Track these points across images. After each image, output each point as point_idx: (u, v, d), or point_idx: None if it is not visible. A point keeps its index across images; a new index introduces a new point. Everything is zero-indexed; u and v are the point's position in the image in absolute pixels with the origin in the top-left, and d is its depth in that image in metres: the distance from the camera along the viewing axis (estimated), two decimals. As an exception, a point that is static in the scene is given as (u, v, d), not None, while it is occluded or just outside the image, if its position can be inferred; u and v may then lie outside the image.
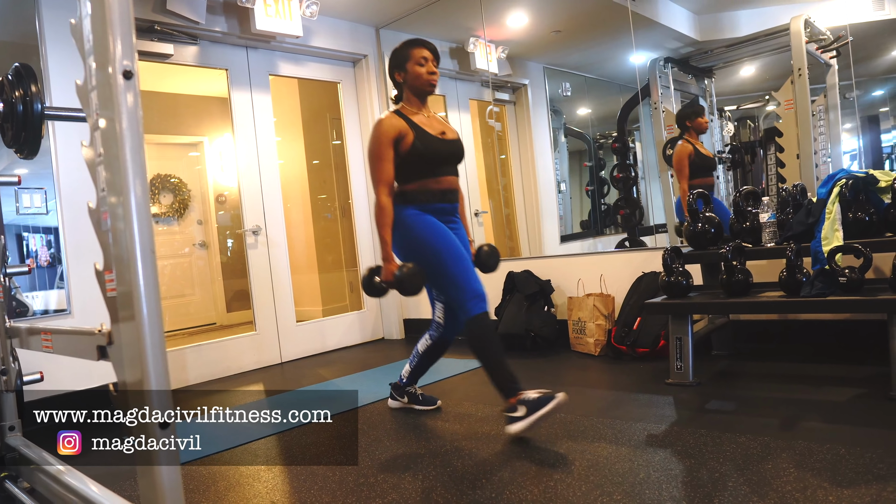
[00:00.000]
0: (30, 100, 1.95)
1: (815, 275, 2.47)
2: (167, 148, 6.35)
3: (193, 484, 2.16)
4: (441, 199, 2.47)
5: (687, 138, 4.05)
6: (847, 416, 2.14)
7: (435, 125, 2.49)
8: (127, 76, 1.21)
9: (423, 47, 2.47)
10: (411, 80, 2.47)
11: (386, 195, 2.41)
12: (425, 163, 2.42)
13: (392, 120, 2.42)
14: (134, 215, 1.22)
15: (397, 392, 2.82)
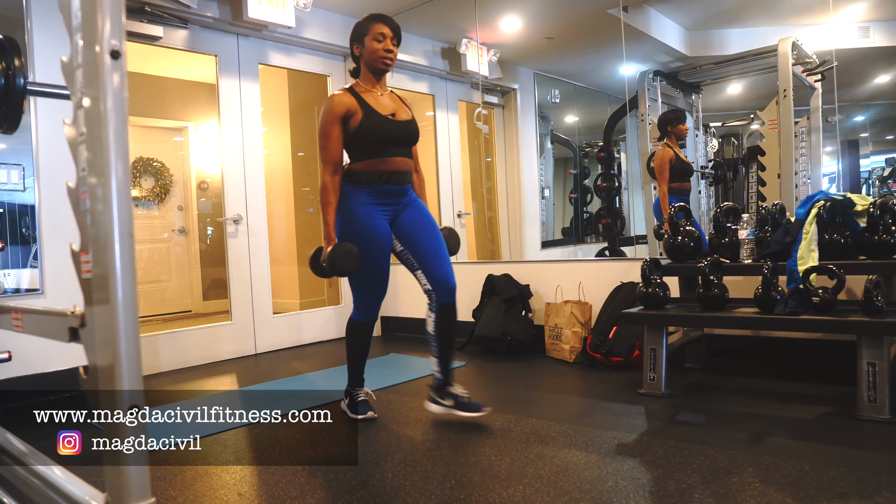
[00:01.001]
0: (12, 73, 1.90)
1: (789, 293, 2.50)
2: (151, 131, 6.27)
3: (160, 472, 2.13)
4: (388, 180, 2.42)
5: (668, 143, 4.11)
6: (813, 434, 2.18)
7: (387, 104, 2.44)
8: (114, 56, 1.19)
9: (383, 23, 2.41)
10: (367, 56, 2.42)
11: (330, 174, 2.39)
12: (373, 143, 2.38)
13: (342, 97, 2.38)
14: (114, 197, 1.20)
15: (439, 394, 2.53)
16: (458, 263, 4.67)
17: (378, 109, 2.40)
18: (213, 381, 3.57)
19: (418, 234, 2.47)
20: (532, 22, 5.24)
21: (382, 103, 2.44)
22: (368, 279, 2.50)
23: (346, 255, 2.33)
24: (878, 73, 4.71)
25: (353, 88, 2.44)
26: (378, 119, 2.38)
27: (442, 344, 2.49)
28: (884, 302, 2.35)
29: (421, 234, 2.47)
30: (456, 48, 5.14)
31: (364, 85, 2.45)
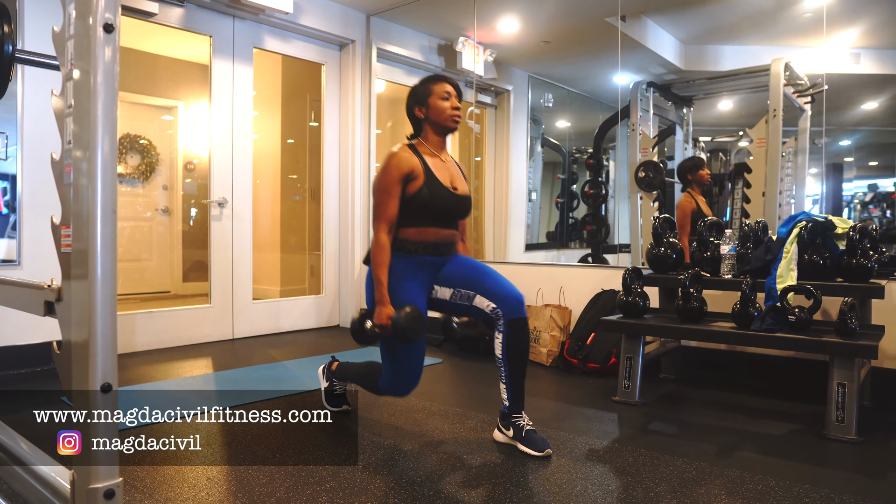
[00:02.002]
0: (1, 40, 1.88)
1: (766, 310, 2.54)
2: (140, 108, 6.19)
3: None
4: (433, 251, 2.29)
5: (690, 192, 4.03)
6: (781, 450, 2.21)
7: (448, 173, 2.32)
8: (108, 29, 1.18)
9: (446, 82, 2.31)
10: (434, 116, 2.29)
11: (386, 233, 2.23)
12: (428, 213, 2.25)
13: (408, 156, 2.25)
14: (98, 172, 1.19)
15: (503, 422, 2.30)
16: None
17: (440, 178, 2.27)
18: (189, 364, 3.55)
19: (464, 270, 2.32)
20: (530, 24, 5.25)
21: (444, 171, 2.31)
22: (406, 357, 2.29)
23: (415, 318, 2.13)
24: (866, 100, 4.79)
25: (416, 148, 2.31)
26: (440, 191, 2.25)
27: (511, 366, 2.27)
28: (857, 325, 2.39)
29: (467, 269, 2.32)
30: (452, 45, 5.13)
31: (427, 146, 2.32)
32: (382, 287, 2.22)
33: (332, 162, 4.89)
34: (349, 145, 4.83)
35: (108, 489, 1.19)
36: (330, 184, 4.90)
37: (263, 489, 1.81)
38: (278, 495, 1.77)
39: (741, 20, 4.88)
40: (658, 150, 5.19)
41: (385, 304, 2.21)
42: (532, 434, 2.19)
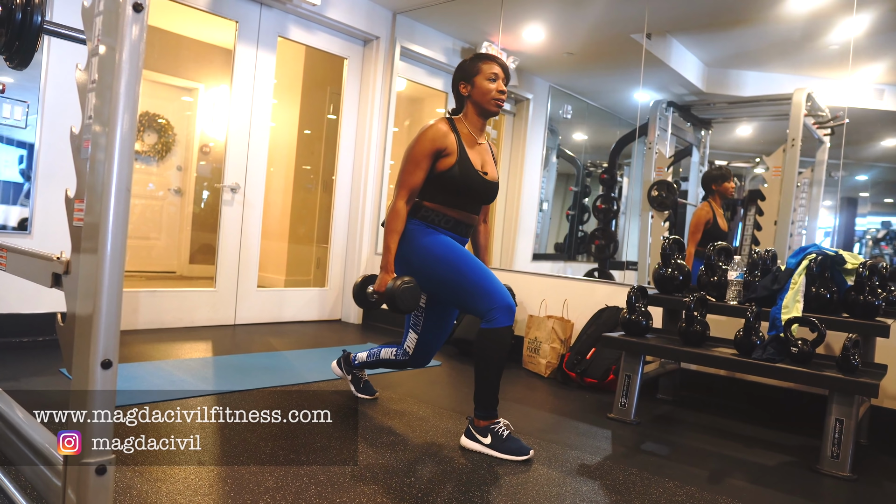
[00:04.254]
0: (30, 9, 1.89)
1: (768, 340, 2.52)
2: (161, 87, 6.23)
3: (122, 429, 2.11)
4: (454, 228, 2.31)
5: (710, 202, 4.02)
6: (772, 481, 2.20)
7: (481, 156, 2.32)
8: (137, 8, 1.19)
9: (495, 63, 2.28)
10: (478, 96, 2.27)
11: (405, 201, 2.23)
12: (455, 192, 2.27)
13: (444, 131, 2.23)
14: (116, 149, 1.20)
15: (345, 364, 2.76)
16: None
17: (473, 160, 2.26)
18: (188, 346, 3.56)
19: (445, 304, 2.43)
20: (556, 35, 5.25)
21: (477, 153, 2.31)
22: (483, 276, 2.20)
23: (411, 289, 2.16)
24: (887, 136, 4.76)
25: (455, 125, 2.29)
26: (470, 172, 2.25)
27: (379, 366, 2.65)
28: (860, 361, 2.37)
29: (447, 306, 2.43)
30: (476, 49, 5.14)
31: (467, 126, 2.31)
32: (389, 254, 2.25)
33: (346, 156, 4.90)
34: (365, 141, 4.84)
35: (100, 465, 1.20)
36: (343, 178, 4.91)
37: (253, 477, 1.81)
38: (267, 484, 1.77)
39: (767, 47, 4.86)
40: (673, 170, 5.17)
41: (388, 272, 2.25)
42: (363, 384, 2.74)
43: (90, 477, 1.17)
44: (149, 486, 1.70)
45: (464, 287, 2.20)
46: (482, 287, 2.17)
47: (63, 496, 1.22)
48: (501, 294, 2.17)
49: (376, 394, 2.78)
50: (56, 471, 1.26)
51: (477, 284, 2.18)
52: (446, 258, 2.22)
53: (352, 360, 2.76)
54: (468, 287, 2.19)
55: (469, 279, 2.19)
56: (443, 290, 2.27)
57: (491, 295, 2.16)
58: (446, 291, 2.26)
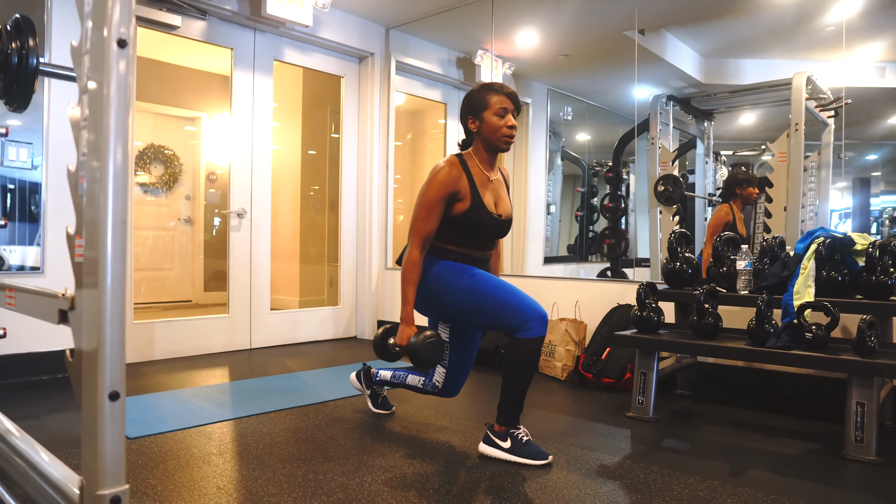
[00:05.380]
0: (25, 53, 1.93)
1: (782, 327, 2.50)
2: (164, 119, 6.31)
3: (143, 459, 2.13)
4: (473, 263, 2.30)
5: (732, 205, 4.01)
6: (796, 470, 2.17)
7: (494, 193, 2.28)
8: (121, 44, 1.20)
9: (505, 96, 2.20)
10: (486, 132, 2.21)
11: (419, 249, 2.19)
12: (471, 235, 2.25)
13: (456, 174, 2.18)
14: (110, 182, 1.21)
15: (365, 378, 2.77)
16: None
17: (486, 201, 2.23)
18: (205, 374, 3.58)
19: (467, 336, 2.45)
20: (548, 38, 5.26)
21: (490, 192, 2.26)
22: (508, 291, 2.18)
23: (433, 343, 2.15)
24: (893, 114, 4.71)
25: (466, 163, 2.23)
26: (485, 216, 2.22)
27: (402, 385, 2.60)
28: (876, 343, 2.34)
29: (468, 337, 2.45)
30: (471, 59, 5.17)
31: (476, 162, 2.25)
32: (408, 305, 2.20)
33: (350, 174, 4.94)
34: (367, 157, 4.87)
35: (114, 496, 1.20)
36: (348, 196, 4.94)
37: (272, 499, 1.82)
38: (255, 491, 1.78)
39: (762, 34, 4.84)
40: (679, 163, 5.15)
41: (408, 324, 2.21)
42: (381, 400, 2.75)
43: (105, 508, 1.18)
44: (160, 493, 1.70)
45: (492, 308, 2.15)
46: (512, 303, 2.14)
47: (80, 529, 1.23)
48: (533, 305, 2.15)
49: (393, 408, 2.78)
50: (75, 501, 1.27)
51: (506, 302, 2.14)
52: (468, 284, 2.18)
53: (373, 376, 2.74)
54: (497, 307, 2.15)
55: (497, 298, 2.15)
56: (470, 316, 2.21)
57: (524, 307, 2.13)
58: (473, 316, 2.20)
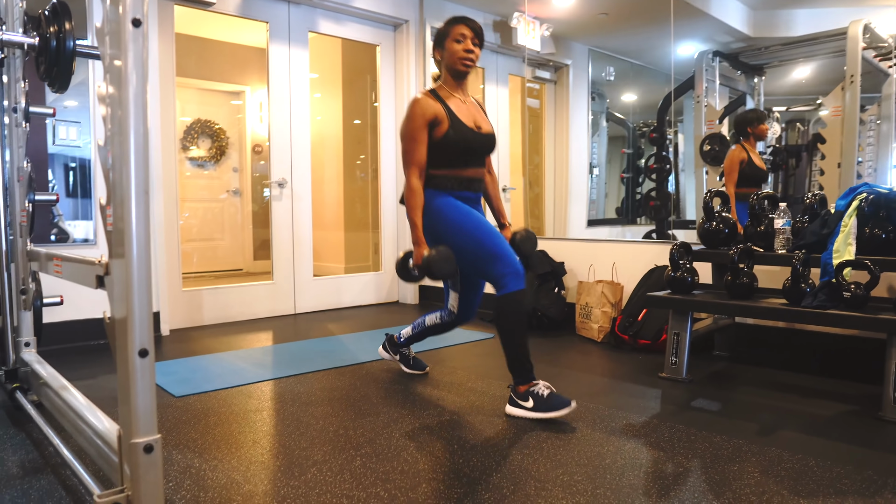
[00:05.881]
0: (62, 36, 2.03)
1: (819, 286, 2.44)
2: (210, 94, 6.47)
3: (186, 415, 2.27)
4: (467, 187, 2.42)
5: (744, 144, 3.93)
6: (829, 431, 2.14)
7: (470, 113, 2.41)
8: (135, 24, 1.27)
9: (463, 24, 2.36)
10: (447, 59, 2.38)
11: (417, 178, 2.35)
12: (457, 153, 2.36)
13: (430, 102, 2.34)
14: (132, 155, 1.29)
15: (391, 346, 2.88)
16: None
17: (464, 120, 2.36)
18: (250, 338, 3.74)
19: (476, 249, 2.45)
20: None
21: (467, 112, 2.40)
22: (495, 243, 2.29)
23: (443, 257, 2.25)
24: (960, 61, 4.43)
25: (437, 93, 2.39)
26: (465, 131, 2.35)
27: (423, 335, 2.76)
28: (919, 301, 2.26)
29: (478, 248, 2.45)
30: (507, 21, 5.09)
31: (447, 89, 2.41)
32: (417, 230, 2.36)
33: (388, 141, 4.98)
34: (405, 125, 4.90)
35: (147, 444, 1.31)
36: (387, 163, 4.99)
37: (303, 452, 1.92)
38: (315, 458, 1.87)
39: (814, -20, 4.60)
40: (729, 121, 4.99)
41: (420, 245, 2.35)
42: (413, 360, 2.85)
43: (139, 455, 1.29)
44: (207, 465, 1.82)
45: (478, 252, 2.30)
46: (493, 251, 2.27)
47: (121, 471, 1.35)
48: (510, 258, 2.27)
49: (426, 368, 2.86)
50: (115, 450, 1.38)
51: (489, 249, 2.28)
52: (461, 224, 2.34)
53: (396, 340, 2.86)
54: (482, 252, 2.29)
55: (482, 244, 2.29)
56: (460, 256, 2.34)
57: (501, 259, 2.26)
58: (463, 258, 2.34)
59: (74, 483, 1.69)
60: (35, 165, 3.40)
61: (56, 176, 3.95)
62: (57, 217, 4.05)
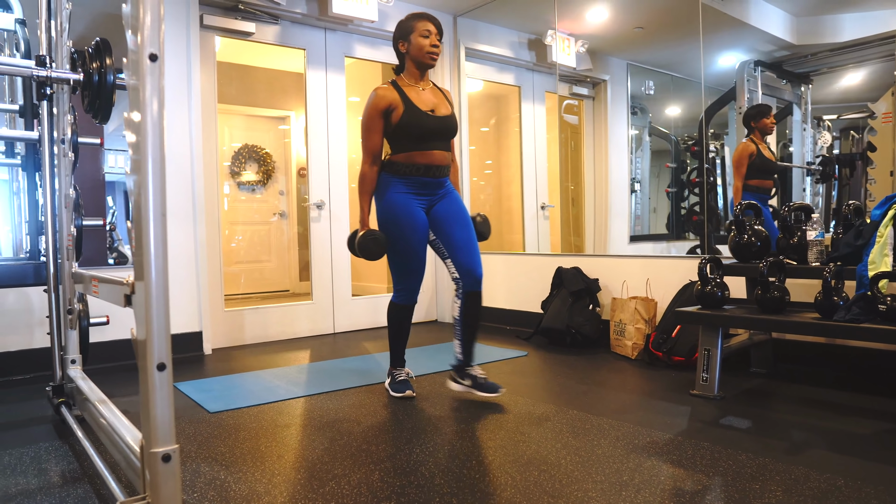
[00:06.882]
0: (104, 71, 2.18)
1: (854, 299, 2.36)
2: (257, 120, 6.72)
3: (217, 430, 2.36)
4: (426, 172, 2.58)
5: (752, 138, 3.97)
6: (862, 449, 2.06)
7: (428, 99, 2.58)
8: (152, 58, 1.37)
9: (427, 20, 2.57)
10: (413, 52, 2.56)
11: (369, 164, 2.58)
12: (413, 137, 2.53)
13: (385, 91, 2.54)
14: (150, 179, 1.38)
15: (459, 374, 2.72)
16: (528, 255, 4.70)
17: (419, 105, 2.54)
18: (287, 356, 3.84)
19: (451, 225, 2.62)
20: (620, 12, 5.13)
21: (424, 98, 2.58)
22: (406, 264, 2.65)
23: (372, 241, 2.53)
24: None
25: (397, 83, 2.59)
26: (418, 114, 2.52)
27: (465, 328, 2.65)
28: (960, 314, 2.16)
29: (453, 225, 2.62)
30: (542, 39, 5.13)
31: (407, 80, 2.61)
32: (362, 212, 2.61)
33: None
34: (441, 145, 4.97)
35: (165, 454, 1.38)
36: (424, 183, 5.06)
37: (324, 466, 1.97)
38: (335, 472, 1.92)
39: (860, -16, 4.49)
40: (776, 131, 4.88)
41: (363, 228, 2.59)
42: (484, 381, 2.65)
43: (158, 463, 1.36)
44: (232, 477, 1.89)
45: (395, 258, 2.64)
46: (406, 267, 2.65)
47: (143, 477, 1.43)
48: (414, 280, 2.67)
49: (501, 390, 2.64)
50: (137, 456, 1.47)
51: (404, 264, 2.64)
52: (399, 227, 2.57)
53: (459, 363, 2.71)
54: (398, 259, 2.63)
55: (403, 255, 2.61)
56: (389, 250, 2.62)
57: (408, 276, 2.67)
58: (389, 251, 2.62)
59: (107, 493, 1.79)
60: (92, 192, 3.63)
61: (116, 202, 4.18)
62: (117, 241, 4.28)
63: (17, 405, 2.80)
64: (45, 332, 3.31)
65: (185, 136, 3.67)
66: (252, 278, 6.53)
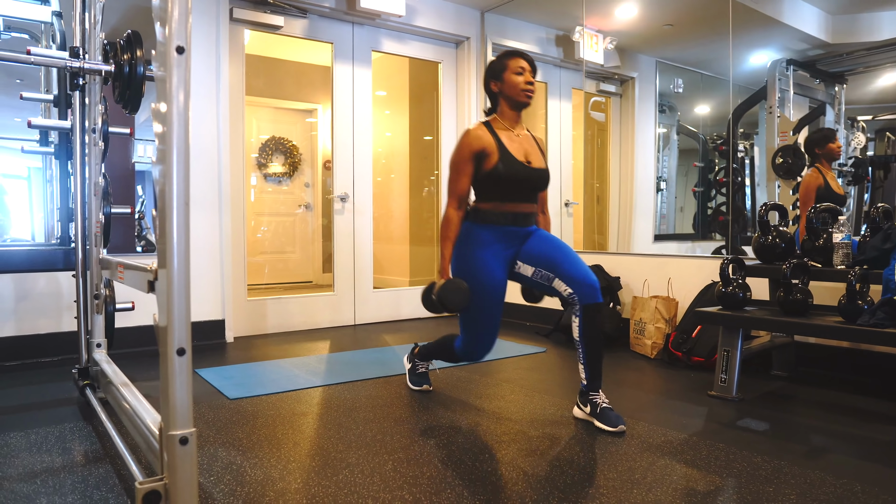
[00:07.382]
0: (134, 63, 2.22)
1: (879, 303, 2.32)
2: (285, 112, 6.78)
3: (237, 416, 2.41)
4: (513, 222, 2.39)
5: (818, 167, 3.76)
6: (882, 456, 2.03)
7: (522, 147, 2.39)
8: (179, 51, 1.40)
9: (520, 57, 2.40)
10: (508, 90, 2.38)
11: (455, 208, 2.38)
12: (504, 187, 2.34)
13: (480, 134, 2.35)
14: (174, 168, 1.41)
15: (581, 399, 2.40)
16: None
17: (514, 153, 2.35)
18: (308, 346, 3.89)
19: (546, 249, 2.37)
20: (649, 8, 5.08)
21: (518, 145, 2.38)
22: (476, 324, 2.44)
23: (456, 290, 2.31)
24: None
25: (491, 125, 2.40)
26: (514, 165, 2.33)
27: (587, 348, 2.28)
28: None
29: (549, 248, 2.37)
30: (570, 36, 5.10)
31: (502, 122, 2.41)
32: (444, 260, 2.41)
33: (446, 157, 5.07)
34: (465, 140, 4.98)
35: (182, 436, 1.42)
36: (445, 178, 5.07)
37: (339, 455, 2.00)
38: (349, 460, 1.95)
39: (899, -18, 4.38)
40: (808, 131, 4.79)
41: (444, 276, 2.41)
42: (607, 411, 2.28)
43: (176, 445, 1.40)
44: (248, 463, 1.93)
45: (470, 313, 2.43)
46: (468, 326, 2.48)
47: (161, 459, 1.47)
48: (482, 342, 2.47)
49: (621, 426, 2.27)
50: (156, 438, 1.51)
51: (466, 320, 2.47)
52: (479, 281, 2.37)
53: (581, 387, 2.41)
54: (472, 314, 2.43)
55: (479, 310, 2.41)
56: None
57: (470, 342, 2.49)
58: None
59: (126, 473, 1.84)
60: (121, 181, 3.71)
61: (146, 191, 4.26)
62: (146, 230, 4.38)
63: (45, 386, 2.88)
64: (73, 315, 3.39)
65: (213, 128, 3.74)
66: (276, 269, 6.61)
